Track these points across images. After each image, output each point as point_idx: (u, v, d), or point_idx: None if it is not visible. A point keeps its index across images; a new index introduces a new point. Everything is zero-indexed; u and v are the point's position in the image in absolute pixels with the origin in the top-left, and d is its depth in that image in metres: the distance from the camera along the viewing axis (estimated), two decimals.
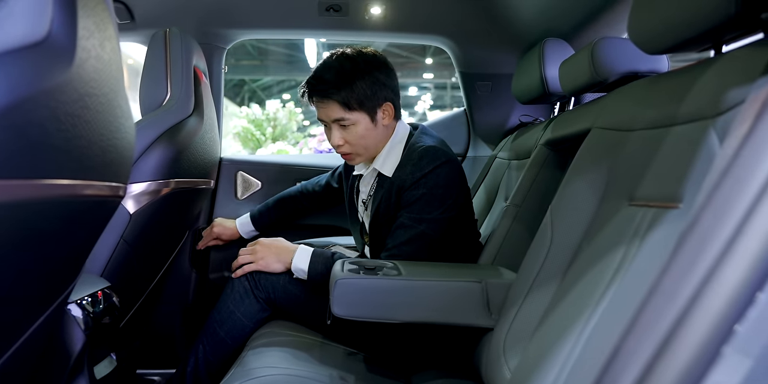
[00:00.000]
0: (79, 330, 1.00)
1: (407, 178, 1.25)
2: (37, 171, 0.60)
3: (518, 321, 0.94)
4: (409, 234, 1.23)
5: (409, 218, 1.24)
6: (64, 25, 0.64)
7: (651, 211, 0.77)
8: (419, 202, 1.23)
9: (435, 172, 1.23)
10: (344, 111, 1.26)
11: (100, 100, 0.70)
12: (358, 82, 1.24)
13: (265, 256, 1.29)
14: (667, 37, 0.81)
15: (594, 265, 0.83)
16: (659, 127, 0.81)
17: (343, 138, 1.30)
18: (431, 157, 1.25)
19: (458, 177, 1.29)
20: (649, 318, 0.43)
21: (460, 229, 1.34)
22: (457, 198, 1.27)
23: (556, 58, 1.44)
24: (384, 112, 1.30)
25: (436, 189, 1.23)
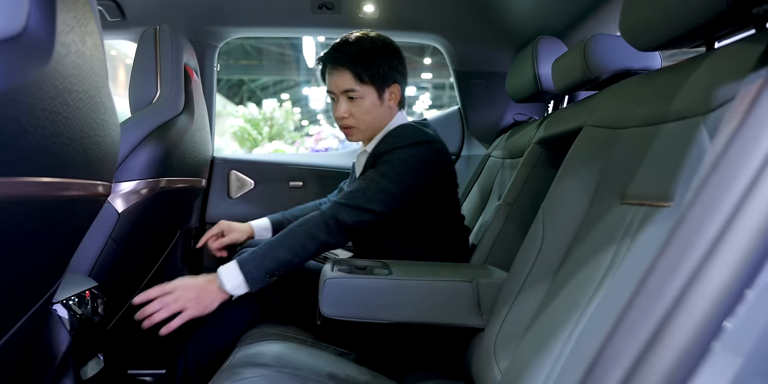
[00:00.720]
0: (65, 330, 0.99)
1: (382, 147, 1.25)
2: (14, 168, 0.59)
3: (509, 321, 0.93)
4: (368, 183, 1.19)
5: (375, 172, 1.21)
6: (42, 20, 0.62)
7: (642, 210, 0.76)
8: (388, 163, 1.21)
9: (408, 148, 1.21)
10: (355, 82, 1.29)
11: (81, 96, 0.69)
12: (374, 60, 1.29)
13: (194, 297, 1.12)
14: (658, 33, 0.80)
15: (585, 265, 0.82)
16: (651, 125, 0.80)
17: (348, 111, 1.32)
18: (412, 134, 1.25)
19: (432, 157, 1.25)
20: (634, 319, 0.42)
21: (443, 223, 1.32)
22: (430, 178, 1.24)
23: (549, 56, 1.43)
24: (391, 94, 1.33)
25: (406, 160, 1.20)
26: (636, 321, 0.42)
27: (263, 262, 1.13)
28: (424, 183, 1.22)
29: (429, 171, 1.23)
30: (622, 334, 0.43)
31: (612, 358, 0.41)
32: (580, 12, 1.51)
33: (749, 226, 0.39)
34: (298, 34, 2.03)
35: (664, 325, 0.40)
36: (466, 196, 1.89)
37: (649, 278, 0.44)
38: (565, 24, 1.59)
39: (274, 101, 8.27)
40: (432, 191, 1.26)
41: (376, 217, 1.18)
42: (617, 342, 0.43)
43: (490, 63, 1.94)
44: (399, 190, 1.19)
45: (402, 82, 1.36)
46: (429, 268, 1.11)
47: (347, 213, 1.16)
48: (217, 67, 1.96)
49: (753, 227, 0.38)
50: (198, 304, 1.12)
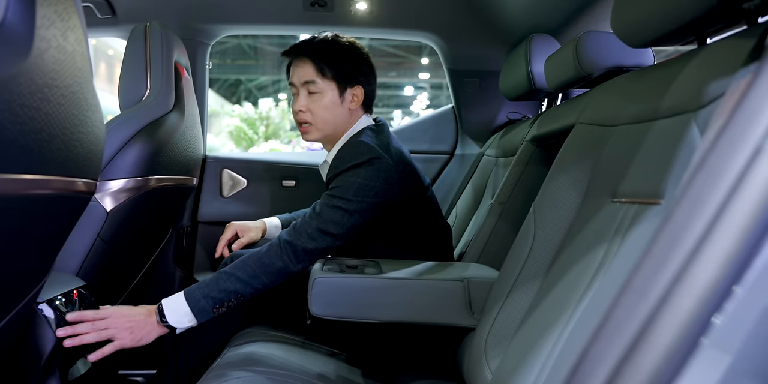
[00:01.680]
0: (50, 331, 0.98)
1: (331, 170, 1.22)
2: None
3: (500, 321, 0.92)
4: (320, 209, 1.15)
5: (325, 196, 1.18)
6: (21, 13, 0.61)
7: (633, 208, 0.75)
8: (337, 187, 1.18)
9: (353, 170, 1.17)
10: (317, 74, 1.27)
11: (62, 92, 0.68)
12: (338, 56, 1.27)
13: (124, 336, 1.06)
14: (650, 30, 0.80)
15: (576, 264, 0.81)
16: (642, 122, 0.79)
17: (306, 105, 1.29)
18: (356, 153, 1.19)
19: (386, 178, 1.18)
20: (619, 317, 0.41)
21: (420, 231, 1.29)
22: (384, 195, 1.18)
23: (542, 54, 1.42)
24: (353, 96, 1.30)
25: (354, 182, 1.16)
26: (621, 320, 0.41)
27: (211, 292, 1.09)
28: (378, 200, 1.17)
29: (379, 189, 1.17)
30: (607, 333, 0.42)
31: (596, 357, 0.40)
32: (573, 9, 1.51)
33: (736, 223, 0.38)
34: (290, 31, 2.02)
35: (650, 324, 0.39)
36: (460, 195, 1.88)
37: (635, 276, 0.43)
38: (558, 21, 1.59)
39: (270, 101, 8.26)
40: (394, 205, 1.22)
41: (335, 240, 1.14)
42: (602, 341, 0.42)
43: (483, 61, 1.93)
44: (354, 211, 1.15)
45: (366, 86, 1.32)
46: (420, 267, 1.10)
47: (304, 238, 1.12)
48: (209, 65, 1.94)
49: (740, 223, 0.38)
50: (131, 335, 1.07)
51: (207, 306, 1.09)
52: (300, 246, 1.11)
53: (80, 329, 1.02)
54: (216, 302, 1.09)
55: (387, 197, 1.19)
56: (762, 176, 0.37)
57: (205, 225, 1.91)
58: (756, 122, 0.39)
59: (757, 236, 0.37)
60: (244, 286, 1.09)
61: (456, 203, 1.89)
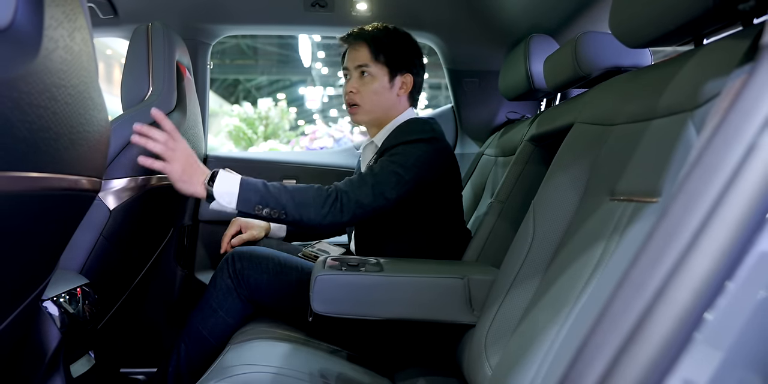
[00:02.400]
0: (55, 328, 0.99)
1: (391, 141, 1.27)
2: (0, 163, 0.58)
3: (500, 317, 0.93)
4: (375, 170, 1.18)
5: (381, 162, 1.20)
6: (30, 14, 0.62)
7: (631, 206, 0.76)
8: (397, 154, 1.21)
9: (416, 143, 1.22)
10: (371, 58, 1.33)
11: (69, 91, 0.69)
12: (393, 42, 1.34)
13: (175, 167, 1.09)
14: (647, 30, 0.81)
15: (574, 261, 0.82)
16: (640, 121, 0.80)
17: (357, 87, 1.34)
18: (418, 129, 1.27)
19: (439, 156, 1.25)
20: (616, 311, 0.42)
21: (445, 220, 1.33)
22: (431, 176, 1.22)
23: (541, 54, 1.43)
24: (403, 83, 1.36)
25: (413, 152, 1.20)
26: (619, 313, 0.42)
27: (264, 193, 1.10)
28: (426, 180, 1.22)
29: (429, 169, 1.22)
30: (604, 326, 0.43)
31: (594, 350, 0.41)
32: (571, 10, 1.52)
33: (730, 218, 0.39)
34: (290, 32, 2.03)
35: (647, 316, 0.40)
36: None
37: (632, 270, 0.44)
38: (557, 22, 1.60)
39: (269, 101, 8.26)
40: (433, 191, 1.26)
41: (386, 203, 1.16)
42: (600, 335, 0.43)
43: (483, 61, 1.95)
44: (410, 180, 1.18)
45: (416, 74, 1.37)
46: (420, 265, 1.11)
47: (362, 192, 1.14)
48: (211, 64, 1.95)
49: (734, 219, 0.39)
50: (181, 171, 1.09)
51: (253, 199, 1.10)
52: (354, 198, 1.14)
53: (156, 135, 1.07)
54: (262, 203, 1.10)
55: (435, 177, 1.24)
56: (755, 173, 0.39)
57: (206, 224, 1.92)
58: (750, 121, 0.40)
59: (750, 231, 0.38)
60: (292, 207, 1.11)
61: None
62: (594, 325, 0.44)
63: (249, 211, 1.11)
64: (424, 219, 1.30)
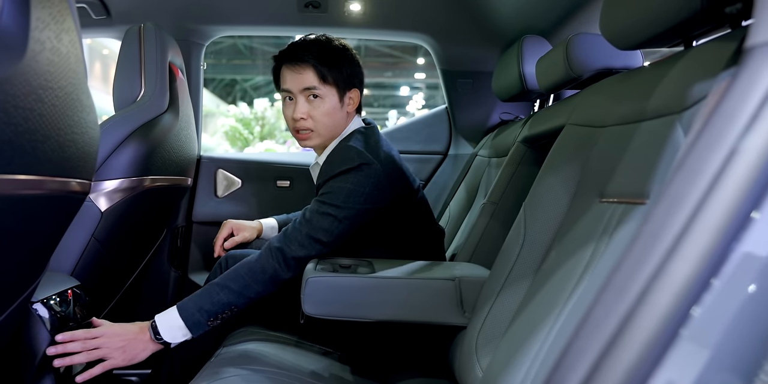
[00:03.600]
0: (45, 330, 0.98)
1: (321, 175, 1.22)
2: None
3: (490, 319, 0.93)
4: (311, 215, 1.15)
5: (315, 202, 1.18)
6: (15, 16, 0.62)
7: (620, 208, 0.76)
8: (328, 193, 1.17)
9: (343, 176, 1.16)
10: (318, 81, 1.24)
11: (57, 93, 0.69)
12: (338, 61, 1.25)
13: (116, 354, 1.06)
14: (637, 32, 0.81)
15: (564, 263, 0.82)
16: (629, 123, 0.80)
17: (307, 112, 1.25)
18: (346, 159, 1.18)
19: (372, 181, 1.17)
20: (599, 315, 0.42)
21: (414, 225, 1.30)
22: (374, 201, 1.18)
23: (534, 55, 1.44)
24: (350, 99, 1.29)
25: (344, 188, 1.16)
26: (601, 317, 0.42)
27: (204, 305, 1.09)
28: (368, 206, 1.17)
29: (368, 195, 1.16)
30: (586, 330, 0.43)
31: (576, 355, 0.41)
32: (565, 11, 1.52)
33: (712, 220, 0.39)
34: (284, 32, 2.03)
35: (628, 320, 0.40)
36: (453, 195, 1.89)
37: (616, 274, 0.44)
38: (550, 23, 1.60)
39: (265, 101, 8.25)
40: (384, 210, 1.22)
41: (324, 247, 1.14)
42: (582, 339, 0.43)
43: (477, 62, 1.95)
44: (344, 218, 1.14)
45: (360, 88, 1.32)
46: (412, 267, 1.11)
47: (295, 245, 1.12)
48: (204, 65, 1.95)
49: (716, 221, 0.39)
50: (123, 355, 1.06)
51: (201, 319, 1.09)
52: (290, 253, 1.12)
53: (71, 348, 1.01)
54: (210, 315, 1.09)
55: (376, 203, 1.18)
56: (737, 176, 0.39)
57: (200, 225, 1.92)
58: (732, 124, 0.40)
59: (732, 233, 0.38)
60: (237, 297, 1.10)
61: (449, 203, 1.90)
62: (577, 329, 0.44)
63: (207, 328, 1.11)
64: (392, 228, 1.27)
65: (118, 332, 1.08)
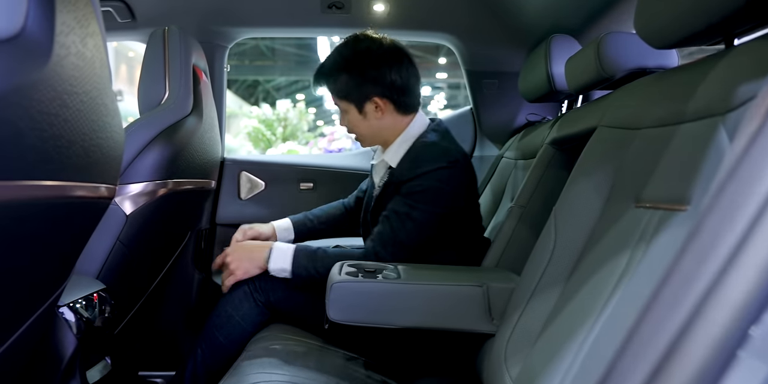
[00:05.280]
0: (71, 334, 0.99)
1: (405, 173, 1.23)
2: (10, 172, 0.58)
3: (520, 327, 0.91)
4: (403, 219, 1.19)
5: (404, 203, 1.21)
6: (41, 21, 0.61)
7: (658, 213, 0.73)
8: (417, 194, 1.20)
9: (432, 173, 1.20)
10: (335, 98, 1.33)
11: (81, 98, 0.68)
12: (343, 75, 1.28)
13: (239, 264, 1.24)
14: (674, 30, 0.78)
15: (598, 270, 0.79)
16: (667, 125, 0.77)
17: (345, 124, 1.36)
18: (433, 156, 1.22)
19: (460, 179, 1.24)
20: (647, 332, 0.40)
21: (466, 228, 1.31)
22: (456, 201, 1.23)
23: (563, 55, 1.40)
24: (376, 106, 1.29)
25: (433, 187, 1.20)
26: (650, 335, 0.39)
27: (314, 264, 1.19)
28: (452, 207, 1.22)
29: (456, 195, 1.23)
30: (634, 348, 0.41)
31: (623, 374, 0.38)
32: (594, 10, 1.48)
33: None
34: (307, 34, 2.02)
35: (680, 340, 0.37)
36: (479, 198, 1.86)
37: (663, 289, 0.41)
38: (579, 22, 1.56)
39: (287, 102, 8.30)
40: (461, 211, 1.26)
41: (412, 252, 1.21)
42: (629, 357, 0.41)
43: (502, 62, 1.91)
44: (430, 221, 1.20)
45: (387, 92, 1.28)
46: (439, 272, 1.09)
47: (385, 252, 1.19)
48: (227, 67, 1.95)
49: None
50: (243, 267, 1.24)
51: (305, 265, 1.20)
52: (382, 259, 1.18)
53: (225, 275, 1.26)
54: (312, 272, 1.19)
55: (458, 202, 1.24)
56: None
57: (224, 227, 1.92)
58: None
59: None
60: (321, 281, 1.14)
61: None
62: (622, 346, 0.42)
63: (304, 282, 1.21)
64: (445, 233, 1.28)
65: (242, 245, 1.29)
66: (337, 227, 1.61)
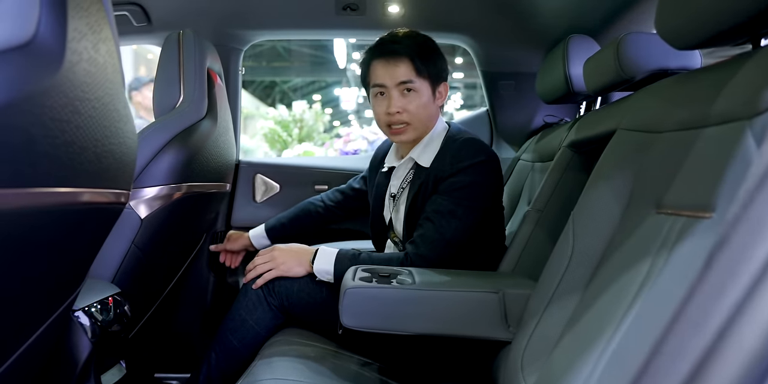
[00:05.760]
0: (86, 338, 0.99)
1: (447, 168, 1.22)
2: (23, 179, 0.57)
3: (537, 335, 0.89)
4: (447, 218, 1.19)
5: (447, 201, 1.20)
6: (53, 27, 0.61)
7: (680, 221, 0.71)
8: (460, 190, 1.20)
9: (476, 167, 1.20)
10: (414, 73, 1.24)
11: (93, 104, 0.68)
12: (432, 53, 1.27)
13: (285, 260, 1.25)
14: (697, 30, 0.75)
15: (618, 278, 0.77)
16: (690, 129, 0.74)
17: (403, 105, 1.25)
18: (474, 150, 1.23)
19: (497, 176, 1.26)
20: (672, 350, 0.38)
21: (488, 230, 1.30)
22: (494, 197, 1.26)
23: (581, 56, 1.38)
24: (440, 93, 1.31)
25: (476, 182, 1.20)
26: (674, 353, 0.37)
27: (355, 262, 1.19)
28: (490, 203, 1.23)
29: (495, 191, 1.24)
30: (658, 365, 0.39)
31: None
32: (613, 9, 1.45)
33: None
34: (322, 35, 2.02)
35: (707, 360, 0.35)
36: None
37: (690, 302, 0.40)
38: (597, 22, 1.53)
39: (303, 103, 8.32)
40: (491, 210, 1.27)
41: (459, 249, 1.20)
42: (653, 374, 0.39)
43: (519, 63, 1.89)
44: (475, 218, 1.20)
45: (447, 82, 1.34)
46: (454, 277, 1.07)
47: (433, 254, 1.18)
48: (242, 70, 1.95)
49: None
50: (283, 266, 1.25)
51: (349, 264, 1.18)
52: (428, 258, 1.18)
53: (261, 268, 1.26)
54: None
55: (493, 200, 1.26)
56: None
57: (240, 230, 1.92)
58: None
59: None
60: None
61: None
62: (646, 362, 0.40)
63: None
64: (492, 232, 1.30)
65: (289, 246, 1.29)
66: (312, 223, 1.67)
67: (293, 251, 1.27)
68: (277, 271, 1.25)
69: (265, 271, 1.26)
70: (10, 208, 0.57)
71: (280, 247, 1.28)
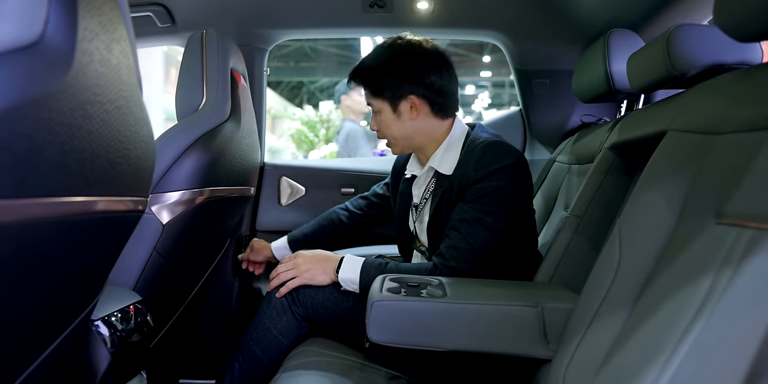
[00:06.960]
0: (105, 348, 0.96)
1: (471, 175, 1.17)
2: (27, 189, 0.53)
3: (580, 354, 0.82)
4: (474, 227, 1.14)
5: (474, 209, 1.15)
6: (62, 27, 0.57)
7: (747, 233, 0.63)
8: (487, 196, 1.15)
9: (502, 172, 1.15)
10: (371, 96, 1.28)
11: (106, 107, 0.64)
12: (383, 72, 1.24)
13: (309, 268, 1.22)
14: (761, 20, 0.67)
15: (673, 295, 0.70)
16: (756, 130, 0.67)
17: (374, 124, 1.32)
18: (498, 153, 1.17)
19: (526, 179, 1.21)
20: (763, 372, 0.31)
21: (519, 236, 1.24)
22: (524, 202, 1.21)
23: (623, 51, 1.30)
24: (411, 106, 1.24)
25: (503, 187, 1.15)
26: None
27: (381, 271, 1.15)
28: (519, 209, 1.19)
29: (524, 195, 1.20)
30: None
31: None
32: (657, 1, 1.36)
33: None
34: (349, 34, 1.97)
35: None
36: None
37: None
38: (640, 15, 1.45)
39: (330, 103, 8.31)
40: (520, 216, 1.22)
41: (489, 259, 1.15)
42: None
43: (554, 60, 1.81)
44: (504, 225, 1.15)
45: (426, 93, 1.23)
46: (488, 289, 1.01)
47: (461, 265, 1.13)
48: (267, 70, 1.92)
49: None
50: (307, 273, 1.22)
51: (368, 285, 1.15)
52: (461, 269, 1.14)
53: (285, 276, 1.23)
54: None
55: (526, 203, 1.23)
56: None
57: (264, 234, 1.89)
58: None
59: None
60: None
61: None
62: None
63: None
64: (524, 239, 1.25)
65: (313, 253, 1.26)
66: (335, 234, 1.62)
67: (317, 259, 1.23)
68: (301, 280, 1.21)
69: (289, 279, 1.22)
70: (14, 219, 0.53)
71: (304, 254, 1.25)
